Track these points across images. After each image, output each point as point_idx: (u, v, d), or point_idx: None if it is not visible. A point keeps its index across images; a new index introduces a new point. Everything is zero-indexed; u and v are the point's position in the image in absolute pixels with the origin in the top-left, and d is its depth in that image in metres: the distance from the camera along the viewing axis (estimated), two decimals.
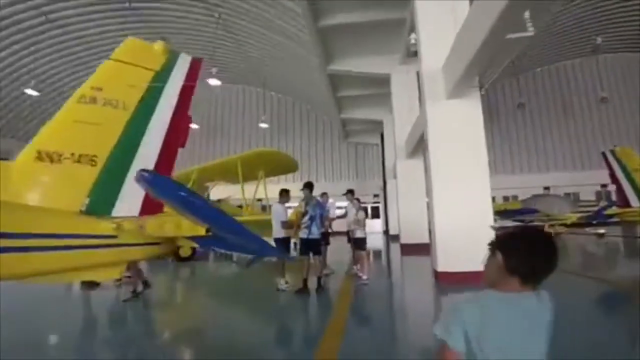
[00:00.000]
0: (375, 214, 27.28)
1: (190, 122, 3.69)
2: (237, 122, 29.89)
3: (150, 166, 3.19)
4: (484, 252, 1.25)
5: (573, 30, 21.55)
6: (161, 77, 3.48)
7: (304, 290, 5.88)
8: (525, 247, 1.16)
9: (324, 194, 7.76)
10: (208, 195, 15.05)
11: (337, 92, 18.21)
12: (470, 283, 6.01)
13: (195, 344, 3.99)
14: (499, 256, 1.18)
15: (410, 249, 12.29)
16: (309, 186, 6.39)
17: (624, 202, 9.63)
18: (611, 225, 13.51)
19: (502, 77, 23.29)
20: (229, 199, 13.26)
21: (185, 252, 10.82)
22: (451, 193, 6.70)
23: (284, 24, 16.57)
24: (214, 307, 6.01)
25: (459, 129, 6.86)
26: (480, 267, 1.29)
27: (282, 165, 10.44)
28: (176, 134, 3.50)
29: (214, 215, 2.40)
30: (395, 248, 14.25)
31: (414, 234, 12.64)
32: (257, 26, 18.88)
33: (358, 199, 7.61)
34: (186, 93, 3.61)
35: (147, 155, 3.24)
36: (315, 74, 17.62)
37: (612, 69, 24.77)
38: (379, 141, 23.99)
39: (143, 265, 8.32)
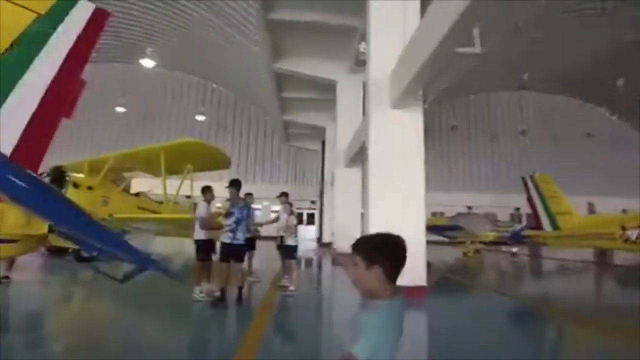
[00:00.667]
0: (311, 220, 27.06)
1: (84, 86, 2.88)
2: (172, 112, 27.73)
3: (14, 137, 2.35)
4: (419, 266, 1.69)
5: (502, 66, 23.60)
6: (46, 23, 2.65)
7: (221, 301, 5.19)
8: (400, 255, 1.23)
9: (248, 195, 7.01)
10: (129, 186, 13.51)
11: (282, 92, 17.68)
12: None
13: None
14: (379, 265, 1.20)
15: (341, 258, 12.08)
16: (235, 184, 5.68)
17: (537, 225, 10.45)
18: (522, 245, 14.68)
19: (438, 99, 24.66)
20: (149, 192, 11.91)
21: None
22: (387, 203, 6.50)
23: (232, 12, 15.67)
24: (103, 320, 5.02)
25: (400, 140, 6.72)
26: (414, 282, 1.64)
27: (212, 160, 9.55)
28: (60, 100, 2.67)
29: (62, 211, 1.69)
30: (327, 257, 13.99)
31: (347, 244, 12.45)
32: (205, 10, 17.67)
33: (290, 204, 7.09)
34: (81, 49, 2.80)
35: (10, 120, 2.39)
36: (261, 70, 16.92)
37: (533, 106, 27.68)
38: (320, 147, 23.87)
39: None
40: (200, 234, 5.90)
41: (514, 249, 15.01)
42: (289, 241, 6.68)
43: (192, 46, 22.41)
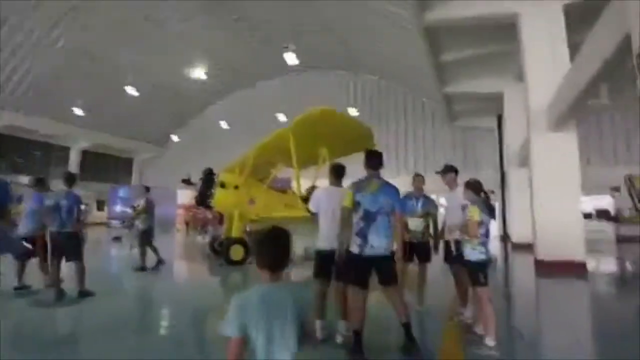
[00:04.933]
0: (490, 214, 22.05)
1: None
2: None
3: None
4: None
5: None
6: None
7: (356, 351, 2.74)
8: (266, 243, 1.51)
9: (418, 175, 4.14)
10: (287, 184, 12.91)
11: (439, 55, 14.07)
12: None
13: None
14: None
15: (551, 269, 8.01)
16: (375, 158, 3.26)
17: None
18: None
19: None
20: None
21: (235, 255, 8.70)
22: None
23: None
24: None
25: None
26: None
27: (350, 133, 7.26)
28: None
29: None
30: (521, 264, 9.88)
31: (559, 247, 8.25)
32: None
33: (476, 188, 3.97)
34: None
35: None
36: (408, 35, 13.96)
37: None
38: (494, 124, 19.01)
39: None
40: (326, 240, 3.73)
41: None
42: (470, 253, 3.49)
43: (333, 36, 21.33)
